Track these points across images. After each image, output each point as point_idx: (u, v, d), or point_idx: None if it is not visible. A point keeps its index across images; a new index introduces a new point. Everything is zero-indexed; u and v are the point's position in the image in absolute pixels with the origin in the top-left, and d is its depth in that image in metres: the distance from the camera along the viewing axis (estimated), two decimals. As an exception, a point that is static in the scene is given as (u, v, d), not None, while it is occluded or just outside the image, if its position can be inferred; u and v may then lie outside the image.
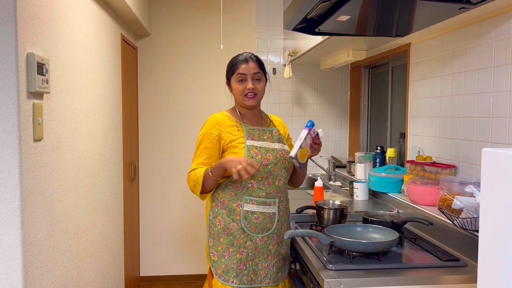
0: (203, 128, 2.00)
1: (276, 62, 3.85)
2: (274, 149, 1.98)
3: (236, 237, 1.93)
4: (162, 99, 3.80)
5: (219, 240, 1.95)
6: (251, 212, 1.93)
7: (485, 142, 1.91)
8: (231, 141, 1.95)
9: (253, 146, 1.94)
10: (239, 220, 1.93)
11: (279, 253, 2.00)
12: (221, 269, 1.94)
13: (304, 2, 1.72)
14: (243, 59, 2.00)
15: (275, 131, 2.06)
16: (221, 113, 2.05)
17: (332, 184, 3.28)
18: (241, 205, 1.93)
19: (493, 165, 1.00)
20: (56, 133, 1.81)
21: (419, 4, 1.62)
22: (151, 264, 3.87)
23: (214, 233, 1.97)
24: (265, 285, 1.96)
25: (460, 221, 1.68)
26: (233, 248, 1.93)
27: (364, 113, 3.85)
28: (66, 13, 1.96)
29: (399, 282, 1.52)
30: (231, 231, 1.94)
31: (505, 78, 1.78)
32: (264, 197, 1.94)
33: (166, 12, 3.77)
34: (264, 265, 1.96)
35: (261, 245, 1.95)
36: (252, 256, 1.94)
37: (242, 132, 1.98)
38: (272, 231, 1.97)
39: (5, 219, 1.48)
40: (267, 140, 2.00)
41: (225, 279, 1.92)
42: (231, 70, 2.02)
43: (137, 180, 3.73)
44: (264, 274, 1.96)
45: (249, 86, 1.96)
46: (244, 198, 1.93)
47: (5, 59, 1.46)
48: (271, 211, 1.96)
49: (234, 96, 2.05)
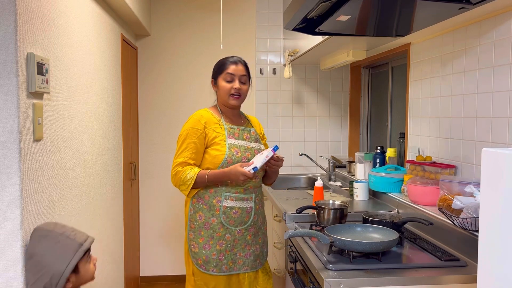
0: (189, 123, 2.13)
1: (276, 62, 3.85)
2: (251, 148, 2.15)
3: (216, 231, 2.09)
4: (162, 99, 3.80)
5: (200, 234, 2.10)
6: (230, 207, 2.09)
7: (485, 142, 1.91)
8: (214, 138, 2.09)
9: (234, 145, 2.10)
10: (219, 215, 2.08)
11: (256, 243, 2.19)
12: (202, 259, 2.09)
13: (304, 2, 1.72)
14: (233, 61, 2.16)
15: (252, 131, 2.22)
16: (205, 110, 2.18)
17: (332, 184, 3.28)
18: (221, 201, 2.08)
19: (493, 165, 1.00)
20: (56, 133, 1.81)
21: (419, 4, 1.62)
22: (151, 264, 3.87)
23: (195, 227, 2.12)
24: (243, 272, 2.15)
25: (460, 221, 1.68)
26: (213, 241, 2.09)
27: (364, 113, 3.85)
28: (66, 13, 1.96)
29: (399, 282, 1.52)
30: (211, 225, 2.09)
31: (505, 78, 1.78)
32: (242, 193, 2.11)
33: (166, 12, 3.77)
34: (242, 255, 2.14)
35: (239, 237, 2.12)
36: (231, 247, 2.11)
37: (224, 130, 2.12)
38: (249, 224, 2.15)
39: (5, 219, 1.48)
40: (246, 139, 2.16)
41: (206, 268, 2.09)
42: (220, 70, 2.16)
43: (137, 180, 3.73)
44: (242, 262, 2.14)
45: (236, 86, 2.11)
46: (223, 195, 2.08)
47: (5, 59, 1.46)
48: (249, 206, 2.13)
49: (219, 94, 2.18)
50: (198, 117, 2.12)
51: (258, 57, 3.83)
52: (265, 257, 2.27)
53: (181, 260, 3.89)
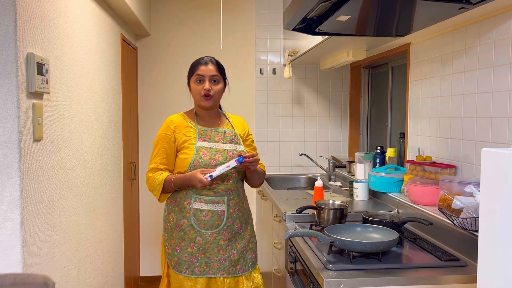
0: (160, 129, 2.13)
1: (276, 62, 3.85)
2: (224, 150, 2.10)
3: (187, 233, 2.07)
4: (162, 99, 3.80)
5: (172, 235, 2.11)
6: (199, 210, 2.06)
7: (485, 142, 1.91)
8: (184, 142, 2.08)
9: (203, 147, 2.07)
10: (189, 217, 2.07)
11: (232, 248, 2.11)
12: (175, 261, 2.09)
13: (304, 2, 1.72)
14: (203, 62, 2.12)
15: (228, 132, 2.16)
16: (179, 115, 2.18)
17: (332, 184, 3.28)
18: (191, 203, 2.06)
19: (493, 165, 1.00)
20: (56, 133, 1.81)
21: (419, 4, 1.62)
22: (151, 264, 3.87)
23: (168, 228, 2.12)
24: (220, 276, 2.09)
25: (460, 221, 1.68)
26: (184, 243, 2.08)
27: (364, 113, 3.85)
28: (66, 13, 1.96)
29: (399, 282, 1.52)
30: (182, 227, 2.08)
31: (505, 78, 1.78)
32: (212, 196, 2.06)
33: (166, 12, 3.77)
34: (216, 259, 2.09)
35: (211, 241, 2.08)
36: (203, 250, 2.07)
37: (194, 134, 2.10)
38: (222, 228, 2.08)
39: (5, 219, 1.48)
40: (218, 141, 2.12)
41: (178, 270, 2.09)
42: (191, 71, 2.14)
43: (137, 180, 3.73)
44: (218, 267, 2.09)
45: (206, 87, 2.07)
46: (193, 197, 2.06)
47: (5, 59, 1.46)
48: (220, 209, 2.07)
49: (193, 97, 2.16)
50: (168, 123, 2.12)
51: (258, 57, 3.83)
52: (249, 264, 2.16)
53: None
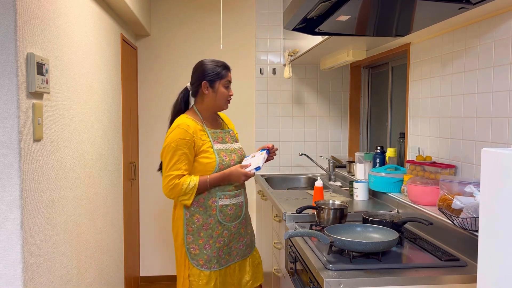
0: (176, 133, 2.10)
1: (276, 62, 3.85)
2: (235, 149, 2.27)
3: (215, 230, 2.19)
4: (162, 99, 3.80)
5: (199, 235, 2.18)
6: (225, 205, 2.20)
7: (485, 142, 1.91)
8: (201, 146, 2.14)
9: (221, 150, 2.19)
10: (215, 214, 2.19)
11: (247, 234, 2.35)
12: (204, 260, 2.18)
13: (304, 2, 1.72)
14: (229, 68, 2.24)
15: (231, 132, 2.32)
16: (188, 118, 2.17)
17: (332, 184, 3.28)
18: (216, 201, 2.18)
19: (493, 165, 1.00)
20: (56, 133, 1.81)
21: (419, 4, 1.62)
22: (151, 264, 3.87)
23: (193, 230, 2.19)
24: (236, 261, 2.30)
25: (460, 221, 1.68)
26: (213, 240, 2.19)
27: (364, 113, 3.85)
28: (66, 13, 1.96)
29: (399, 282, 1.52)
30: (210, 225, 2.18)
31: (505, 78, 1.78)
32: (234, 190, 2.24)
33: (166, 12, 3.77)
34: (236, 247, 2.29)
35: (234, 231, 2.26)
36: (227, 242, 2.24)
37: (208, 137, 2.18)
38: (242, 217, 2.29)
39: (5, 219, 1.48)
40: (229, 141, 2.27)
41: (208, 267, 2.18)
42: (220, 75, 2.18)
43: (137, 180, 3.73)
44: (236, 253, 2.30)
45: (232, 93, 2.24)
46: (218, 195, 2.18)
47: (5, 59, 1.46)
48: (240, 201, 2.28)
49: (213, 98, 2.19)
50: (185, 127, 2.11)
51: (258, 57, 3.83)
52: (254, 244, 2.43)
53: (181, 260, 3.89)
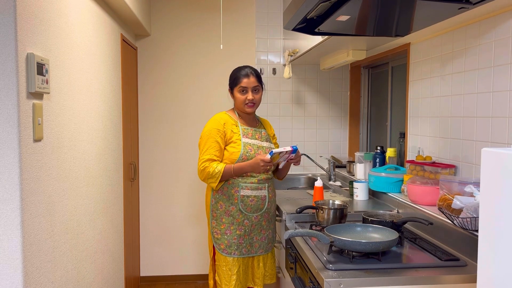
0: (211, 123, 2.40)
1: (276, 62, 3.85)
2: (263, 147, 2.44)
3: (236, 217, 2.37)
4: (162, 99, 3.80)
5: (221, 221, 2.38)
6: (246, 196, 2.36)
7: (485, 142, 1.91)
8: (231, 137, 2.38)
9: (248, 143, 2.39)
10: (237, 203, 2.36)
11: (269, 228, 2.48)
12: (224, 244, 2.38)
13: (304, 2, 1.72)
14: (245, 74, 2.40)
15: (263, 132, 2.52)
16: (224, 113, 2.47)
17: (332, 184, 3.28)
18: (238, 191, 2.36)
19: (493, 165, 1.00)
20: (56, 133, 1.81)
21: (419, 4, 1.62)
22: (151, 264, 3.87)
23: (217, 215, 2.40)
24: (259, 254, 2.45)
25: (460, 221, 1.68)
26: (234, 226, 2.37)
27: (364, 113, 3.85)
28: (66, 13, 1.96)
29: (399, 282, 1.52)
30: (231, 212, 2.37)
31: (505, 77, 1.78)
32: (256, 183, 2.38)
33: (166, 12, 3.77)
34: (258, 238, 2.43)
35: (255, 223, 2.40)
36: (248, 231, 2.39)
37: (239, 131, 2.41)
38: (264, 211, 2.42)
39: (5, 219, 1.48)
40: (258, 139, 2.46)
41: (228, 252, 2.37)
42: (235, 83, 2.41)
43: (137, 180, 3.73)
44: (258, 246, 2.44)
45: (250, 98, 2.39)
46: (240, 185, 2.35)
47: (5, 59, 1.46)
48: (263, 195, 2.40)
49: (235, 103, 2.45)
50: (218, 119, 2.40)
51: (258, 57, 3.83)
52: (275, 241, 2.55)
53: (181, 260, 3.90)
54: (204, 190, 3.85)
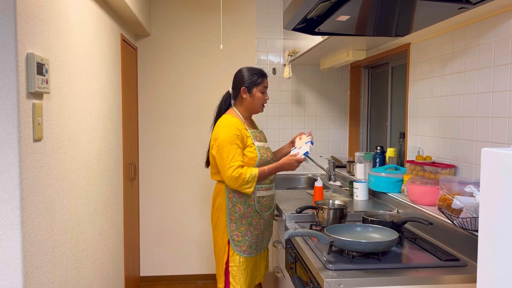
0: (229, 130, 2.32)
1: (276, 62, 3.85)
2: (268, 148, 2.51)
3: (253, 218, 2.43)
4: (162, 99, 3.80)
5: (241, 223, 2.41)
6: (262, 196, 2.43)
7: (485, 142, 1.91)
8: (246, 142, 2.38)
9: (260, 147, 2.43)
10: (253, 205, 2.41)
11: (273, 223, 2.61)
12: (246, 245, 2.41)
13: (304, 2, 1.72)
14: (265, 74, 2.45)
15: (263, 132, 2.57)
16: (232, 117, 2.40)
17: (332, 184, 3.28)
18: (254, 192, 2.40)
19: (493, 165, 1.00)
20: (56, 133, 1.81)
21: (419, 4, 1.62)
22: (151, 264, 3.87)
23: (235, 218, 2.40)
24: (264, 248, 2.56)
25: (460, 221, 1.68)
26: (253, 227, 2.43)
27: (364, 113, 3.85)
28: (66, 13, 1.96)
29: (399, 282, 1.52)
30: (249, 214, 2.41)
31: (505, 78, 1.78)
32: (268, 183, 2.46)
33: (166, 12, 3.77)
34: (267, 234, 2.55)
35: (267, 220, 2.51)
36: (263, 229, 2.49)
37: (249, 134, 2.42)
38: (273, 208, 2.54)
39: (5, 219, 1.48)
40: (263, 141, 2.52)
41: (249, 252, 2.43)
42: (257, 82, 2.41)
43: (137, 180, 3.73)
44: (266, 240, 2.55)
45: (268, 98, 2.47)
46: (256, 187, 2.39)
47: (5, 59, 1.46)
48: (272, 193, 2.51)
49: (250, 102, 2.43)
50: (236, 124, 2.35)
51: (258, 57, 3.83)
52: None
53: (181, 260, 3.89)
54: (204, 190, 3.85)
